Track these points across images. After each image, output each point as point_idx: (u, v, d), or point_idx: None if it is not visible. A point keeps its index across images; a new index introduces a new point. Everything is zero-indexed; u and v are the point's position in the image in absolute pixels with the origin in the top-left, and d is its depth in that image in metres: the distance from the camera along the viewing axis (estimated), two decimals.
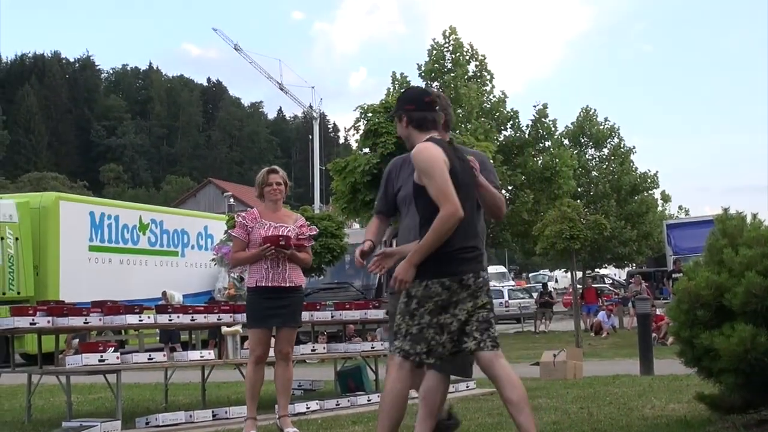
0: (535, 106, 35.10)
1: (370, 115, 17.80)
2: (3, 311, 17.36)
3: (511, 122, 34.74)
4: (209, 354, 9.56)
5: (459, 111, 30.97)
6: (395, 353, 4.93)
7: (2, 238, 21.29)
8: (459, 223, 4.75)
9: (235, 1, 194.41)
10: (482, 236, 5.48)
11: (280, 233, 7.41)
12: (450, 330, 4.84)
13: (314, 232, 7.87)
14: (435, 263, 4.81)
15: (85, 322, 8.93)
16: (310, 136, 75.68)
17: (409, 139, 5.16)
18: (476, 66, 34.91)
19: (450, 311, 4.84)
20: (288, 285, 7.43)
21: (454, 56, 34.28)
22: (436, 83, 33.64)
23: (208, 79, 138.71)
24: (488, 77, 35.05)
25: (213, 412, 8.75)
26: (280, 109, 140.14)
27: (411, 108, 5.15)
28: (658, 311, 21.61)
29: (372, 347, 10.85)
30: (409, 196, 5.35)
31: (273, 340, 7.63)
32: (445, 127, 5.42)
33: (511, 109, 34.74)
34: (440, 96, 5.66)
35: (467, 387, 10.78)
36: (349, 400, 9.56)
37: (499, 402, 8.14)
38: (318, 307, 10.40)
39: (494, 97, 34.90)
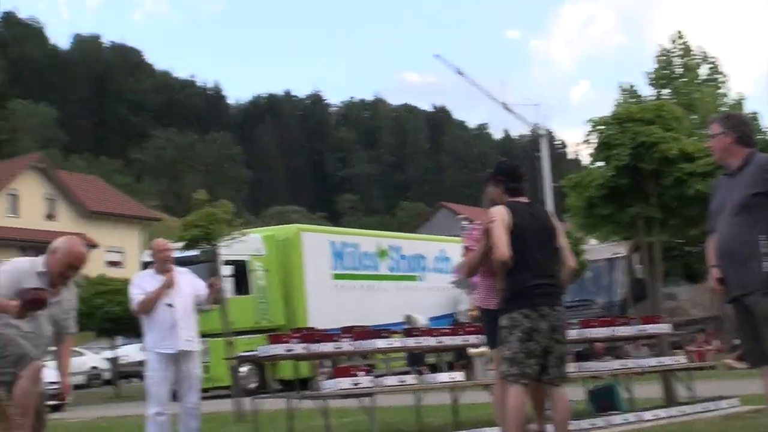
0: None
1: (601, 127, 17.36)
2: (258, 340, 18.23)
3: None
4: (459, 376, 9.59)
5: (694, 117, 29.73)
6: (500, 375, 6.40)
7: (252, 271, 22.37)
8: (531, 264, 6.20)
9: (450, 27, 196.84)
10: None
11: None
12: (536, 354, 6.12)
13: None
14: (516, 298, 6.19)
15: (336, 348, 9.17)
16: (537, 154, 74.94)
17: (500, 200, 6.62)
18: (709, 69, 33.49)
19: (534, 338, 6.11)
20: None
21: (683, 61, 33.04)
22: (666, 90, 32.51)
23: (433, 105, 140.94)
24: (722, 79, 33.52)
25: None
26: (506, 130, 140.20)
27: (507, 179, 6.69)
28: None
29: (624, 365, 10.53)
30: (735, 206, 5.86)
31: None
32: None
33: (752, 111, 33.03)
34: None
35: (730, 405, 10.26)
36: (604, 420, 9.32)
37: (765, 420, 7.69)
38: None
39: (731, 99, 33.31)
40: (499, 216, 6.37)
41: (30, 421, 6.13)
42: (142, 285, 8.59)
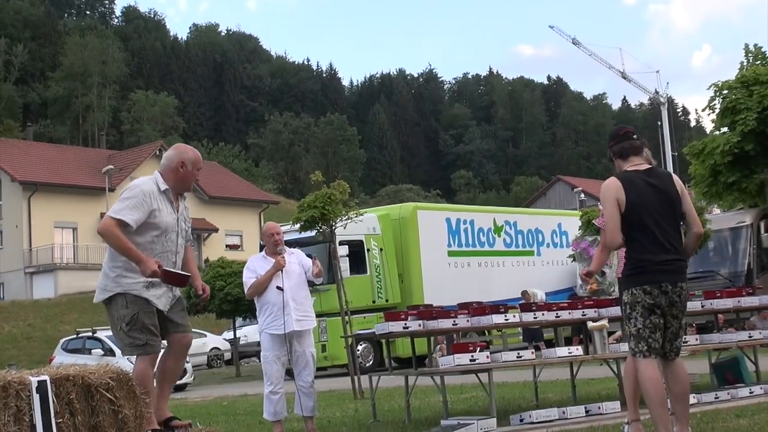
0: None
1: (725, 92, 16.71)
2: (375, 318, 18.32)
3: None
4: (577, 350, 9.41)
5: None
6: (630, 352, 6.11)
7: (368, 250, 22.48)
8: (653, 238, 5.83)
9: None
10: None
11: None
12: (659, 328, 5.88)
13: None
14: (638, 274, 5.89)
15: (453, 324, 9.10)
16: (659, 122, 73.22)
17: (619, 168, 6.19)
18: None
19: (657, 312, 5.85)
20: None
21: None
22: None
23: (548, 77, 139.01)
24: None
25: (585, 408, 8.66)
26: (624, 99, 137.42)
27: (612, 144, 6.27)
28: None
29: (750, 336, 10.16)
30: None
31: None
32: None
33: None
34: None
35: None
36: (728, 393, 9.03)
37: None
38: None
39: None
40: (611, 193, 5.94)
41: (152, 400, 6.24)
42: (254, 268, 8.72)
